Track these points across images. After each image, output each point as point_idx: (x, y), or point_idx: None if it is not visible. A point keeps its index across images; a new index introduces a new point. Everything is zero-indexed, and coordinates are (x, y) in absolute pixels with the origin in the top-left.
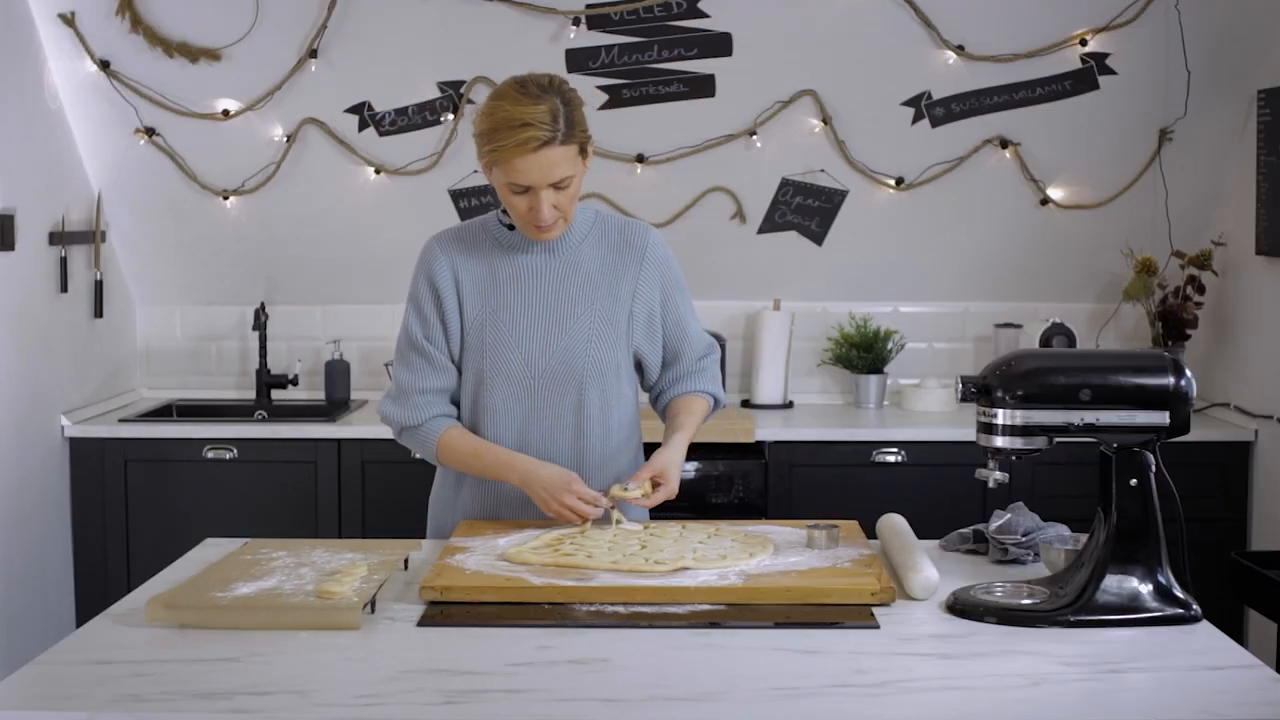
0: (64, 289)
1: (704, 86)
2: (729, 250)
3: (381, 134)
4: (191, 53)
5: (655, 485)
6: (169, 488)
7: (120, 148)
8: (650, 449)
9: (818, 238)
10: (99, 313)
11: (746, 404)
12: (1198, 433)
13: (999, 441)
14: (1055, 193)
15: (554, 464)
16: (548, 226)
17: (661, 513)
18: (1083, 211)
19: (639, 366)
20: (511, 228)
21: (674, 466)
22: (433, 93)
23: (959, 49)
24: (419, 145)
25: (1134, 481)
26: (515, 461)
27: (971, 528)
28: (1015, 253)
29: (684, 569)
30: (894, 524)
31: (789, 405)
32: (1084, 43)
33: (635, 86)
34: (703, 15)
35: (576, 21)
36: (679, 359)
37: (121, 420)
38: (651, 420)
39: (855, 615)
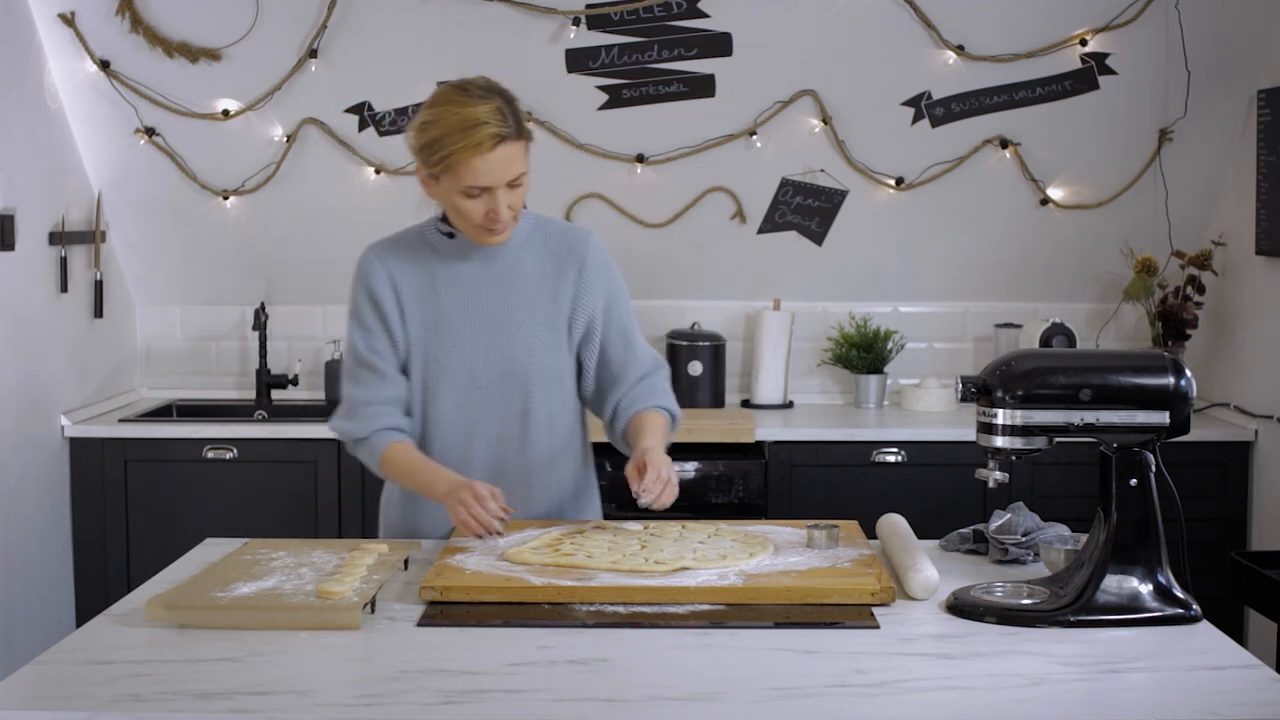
0: (64, 289)
1: (704, 86)
2: (729, 250)
3: (381, 134)
4: (191, 53)
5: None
6: (169, 488)
7: (120, 148)
8: (598, 450)
9: (818, 238)
10: (99, 313)
11: (746, 404)
12: (1198, 433)
13: (999, 441)
14: (1055, 193)
15: (478, 479)
16: (504, 227)
17: (661, 513)
18: (1083, 211)
19: (579, 372)
20: (451, 235)
21: (654, 452)
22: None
23: (959, 49)
24: None
25: (1134, 481)
26: (442, 475)
27: (971, 528)
28: (1015, 253)
29: (684, 569)
30: (894, 524)
31: (789, 405)
32: (1084, 43)
33: (635, 86)
34: (703, 15)
35: (576, 21)
36: (625, 374)
37: (121, 420)
38: (596, 423)
39: (855, 615)
